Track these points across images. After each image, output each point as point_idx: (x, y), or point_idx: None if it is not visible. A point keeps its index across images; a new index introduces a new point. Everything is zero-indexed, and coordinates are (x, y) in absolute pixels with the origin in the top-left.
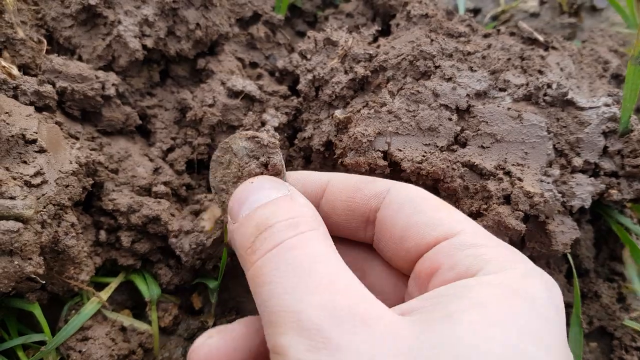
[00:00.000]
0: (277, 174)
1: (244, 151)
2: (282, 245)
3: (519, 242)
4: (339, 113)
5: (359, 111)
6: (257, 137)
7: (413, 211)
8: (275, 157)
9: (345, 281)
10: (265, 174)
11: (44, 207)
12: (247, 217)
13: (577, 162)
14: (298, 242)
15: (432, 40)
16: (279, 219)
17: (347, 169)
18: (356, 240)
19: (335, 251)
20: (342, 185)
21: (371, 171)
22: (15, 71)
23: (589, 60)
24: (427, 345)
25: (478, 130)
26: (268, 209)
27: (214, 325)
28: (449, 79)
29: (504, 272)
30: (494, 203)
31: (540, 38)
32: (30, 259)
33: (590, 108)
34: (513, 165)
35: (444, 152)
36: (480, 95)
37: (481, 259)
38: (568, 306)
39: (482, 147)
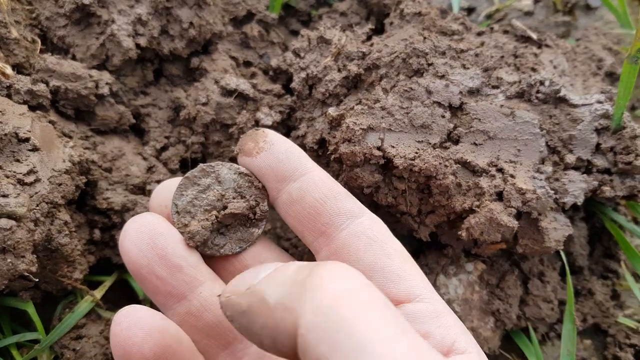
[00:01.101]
0: (262, 220)
1: (231, 184)
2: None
3: (511, 239)
4: (332, 111)
5: (352, 108)
6: (250, 176)
7: (382, 253)
8: (265, 204)
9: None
10: (250, 217)
11: (37, 205)
12: None
13: (570, 159)
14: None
15: (425, 38)
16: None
17: (341, 161)
18: (300, 237)
19: None
20: (322, 183)
21: (366, 161)
22: (9, 70)
23: (583, 58)
24: None
25: (471, 127)
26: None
27: None
28: (442, 77)
29: (469, 354)
30: (486, 200)
31: (534, 36)
32: (23, 256)
33: (583, 105)
34: (506, 162)
35: (437, 149)
36: (473, 92)
37: (451, 330)
38: (562, 304)
39: (475, 144)
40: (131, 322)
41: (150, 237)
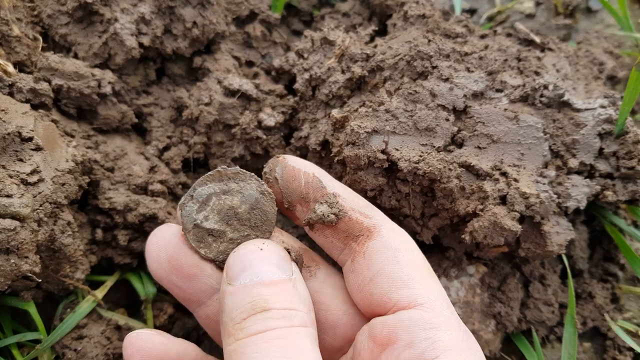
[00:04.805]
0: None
1: (251, 199)
2: (272, 332)
3: (514, 243)
4: (335, 112)
5: (356, 110)
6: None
7: (391, 260)
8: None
9: None
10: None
11: (41, 206)
12: (245, 288)
13: (573, 163)
14: (288, 333)
15: (429, 40)
16: (276, 306)
17: (345, 164)
18: (328, 254)
19: (319, 354)
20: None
21: (370, 164)
22: (10, 68)
23: (585, 61)
24: None
25: (475, 130)
26: (269, 290)
27: None
28: (446, 80)
29: None
30: (490, 203)
31: (537, 39)
32: (26, 257)
33: (586, 109)
34: (509, 166)
35: (441, 153)
36: (477, 96)
37: (438, 345)
38: (562, 306)
39: (479, 147)
40: (133, 350)
41: (166, 250)
